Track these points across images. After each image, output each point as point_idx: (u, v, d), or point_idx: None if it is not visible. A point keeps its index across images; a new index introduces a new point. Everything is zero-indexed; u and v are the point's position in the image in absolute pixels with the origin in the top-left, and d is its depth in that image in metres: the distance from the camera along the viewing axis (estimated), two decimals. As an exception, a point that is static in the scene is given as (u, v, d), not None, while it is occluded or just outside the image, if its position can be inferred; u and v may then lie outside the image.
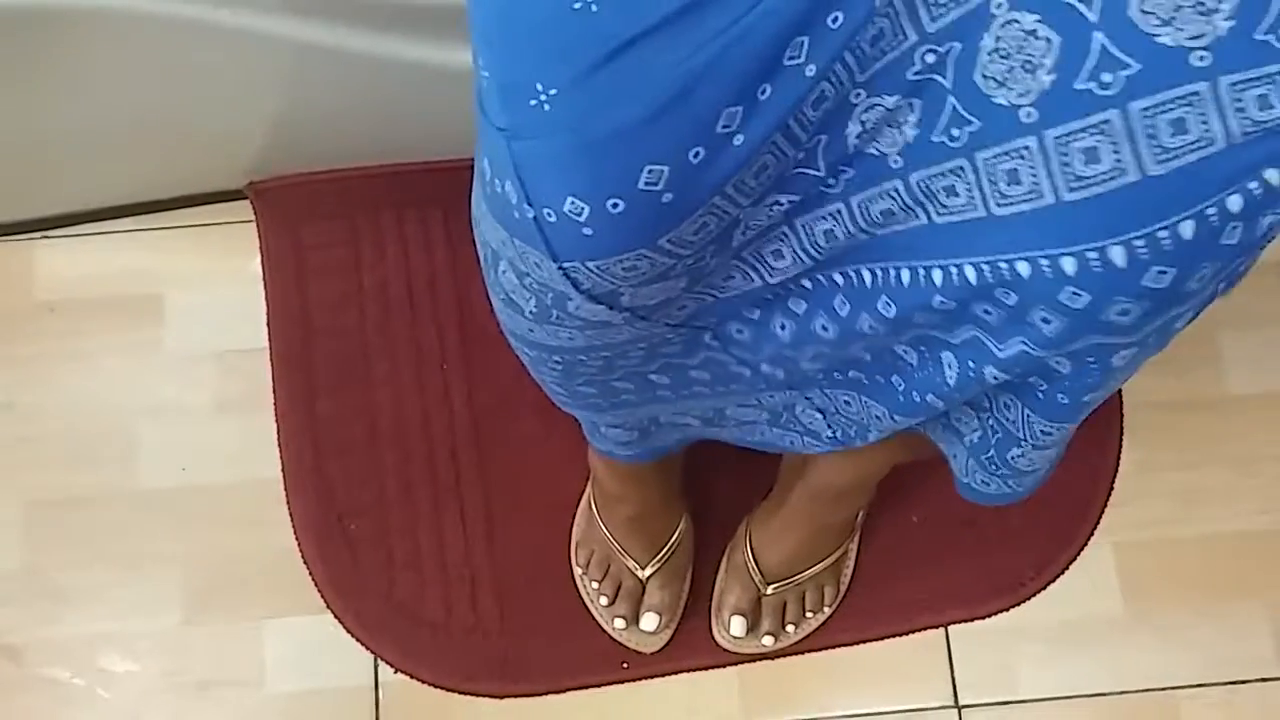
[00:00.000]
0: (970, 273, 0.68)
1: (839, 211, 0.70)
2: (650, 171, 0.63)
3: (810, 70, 0.62)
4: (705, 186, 0.65)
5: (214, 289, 1.37)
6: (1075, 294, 0.66)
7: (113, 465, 1.31)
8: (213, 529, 1.29)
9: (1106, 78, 0.59)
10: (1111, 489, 1.32)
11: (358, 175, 1.37)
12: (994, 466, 0.93)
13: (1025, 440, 0.87)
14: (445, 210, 1.37)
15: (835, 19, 0.60)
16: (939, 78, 0.63)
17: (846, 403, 0.91)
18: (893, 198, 0.68)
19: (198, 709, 1.24)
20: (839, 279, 0.75)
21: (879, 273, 0.72)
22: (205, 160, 1.34)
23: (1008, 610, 1.29)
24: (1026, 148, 0.62)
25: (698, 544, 1.27)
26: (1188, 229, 0.63)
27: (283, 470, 1.30)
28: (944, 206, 0.67)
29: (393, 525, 1.29)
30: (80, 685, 1.25)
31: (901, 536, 1.30)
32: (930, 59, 0.63)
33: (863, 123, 0.66)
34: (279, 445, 1.31)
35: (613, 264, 0.68)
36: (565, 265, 0.69)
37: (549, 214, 0.66)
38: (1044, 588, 1.29)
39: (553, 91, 0.62)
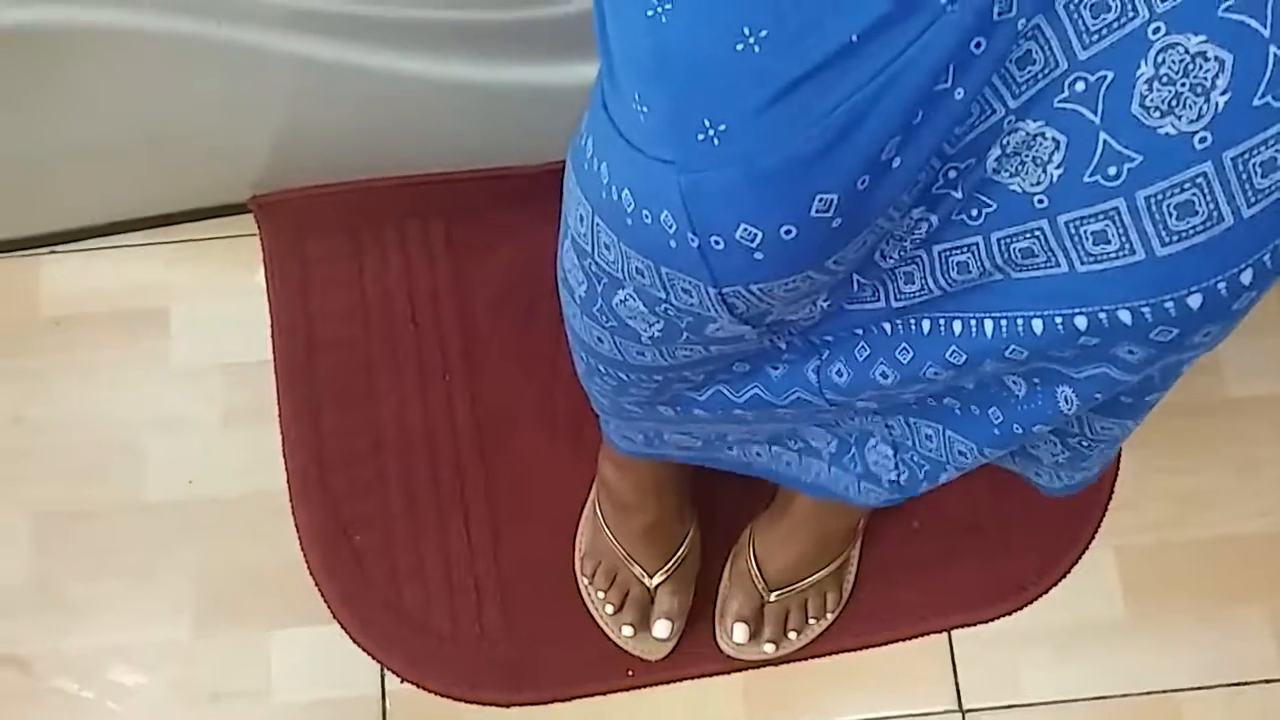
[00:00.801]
0: (1125, 315, 0.68)
1: (976, 246, 0.70)
2: (820, 200, 0.65)
3: (959, 94, 0.63)
4: (870, 209, 0.67)
5: (219, 302, 1.37)
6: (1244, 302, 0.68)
7: (120, 478, 1.32)
8: (220, 541, 1.30)
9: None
10: (1112, 493, 1.32)
11: (360, 188, 1.37)
12: (1096, 461, 0.96)
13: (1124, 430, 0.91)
14: (447, 222, 1.38)
15: (978, 44, 0.61)
16: (1086, 112, 0.63)
17: (928, 437, 0.92)
18: (1036, 238, 0.68)
19: (207, 720, 1.26)
20: (957, 326, 0.75)
21: (1004, 322, 0.73)
22: (209, 175, 1.35)
23: (1010, 614, 1.29)
24: (1204, 174, 0.62)
25: (702, 551, 1.27)
26: None
27: (288, 482, 1.31)
28: (1089, 254, 0.66)
29: (398, 536, 1.30)
30: (90, 698, 1.26)
31: (903, 542, 1.30)
32: (1080, 87, 0.62)
33: (1003, 146, 0.66)
34: (284, 457, 1.32)
35: (777, 286, 0.70)
36: (725, 290, 0.71)
37: (716, 242, 0.67)
38: (1046, 592, 1.30)
39: (721, 128, 0.63)
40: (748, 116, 0.63)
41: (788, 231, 0.66)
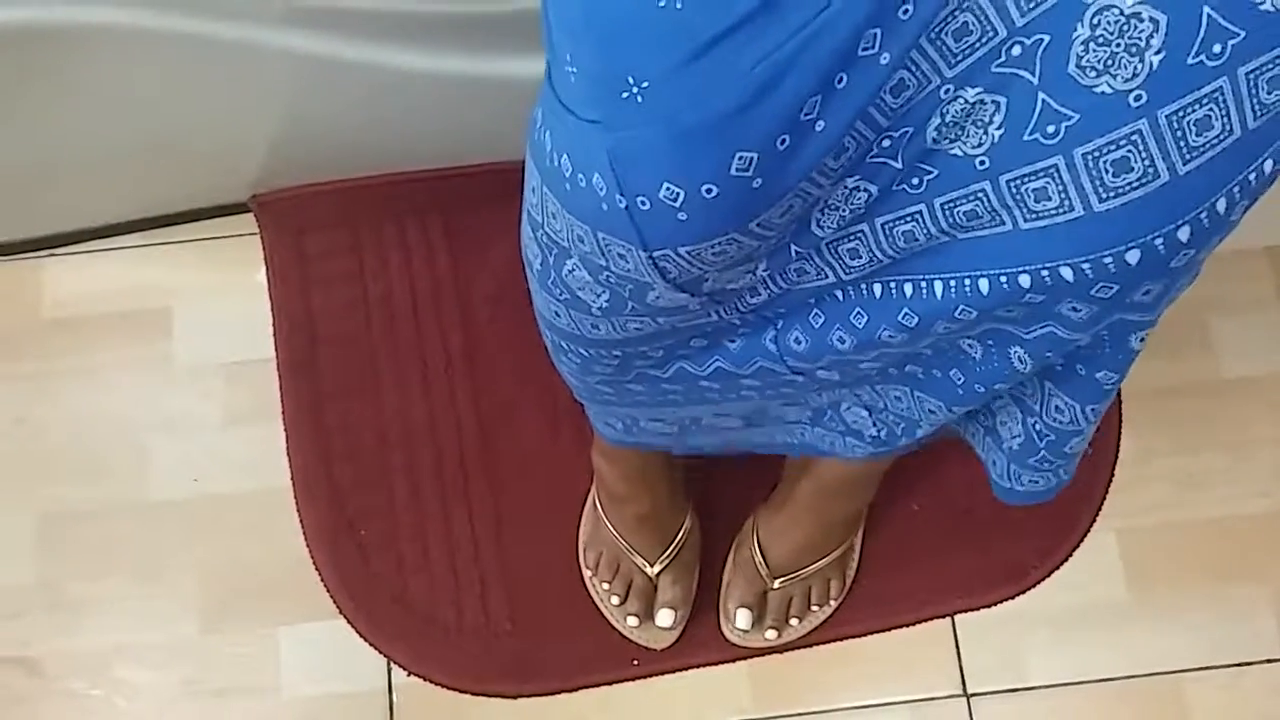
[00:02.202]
0: (1067, 272, 0.69)
1: (920, 213, 0.71)
2: (741, 158, 0.66)
3: (885, 59, 0.64)
4: (792, 172, 0.68)
5: (221, 301, 1.38)
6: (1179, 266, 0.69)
7: (125, 478, 1.32)
8: (225, 538, 1.31)
9: (1217, 49, 0.61)
10: (1112, 476, 1.33)
11: (359, 185, 1.38)
12: (1046, 462, 0.96)
13: (1081, 421, 0.91)
14: (446, 217, 1.39)
15: (906, 11, 0.62)
16: (1024, 73, 0.64)
17: (897, 399, 0.93)
18: (979, 199, 0.69)
19: (216, 716, 1.26)
20: (908, 289, 0.76)
21: (953, 283, 0.74)
22: (209, 174, 1.36)
23: (1013, 598, 1.30)
24: (1139, 131, 0.63)
25: (706, 540, 1.28)
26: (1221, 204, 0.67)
27: (293, 478, 1.32)
28: (1032, 211, 0.68)
29: (402, 529, 1.30)
30: (99, 696, 1.26)
31: (905, 528, 1.31)
32: (1016, 51, 0.63)
33: (943, 114, 0.67)
34: (288, 454, 1.32)
35: (704, 249, 0.71)
36: (656, 253, 0.72)
37: (642, 202, 0.69)
38: (1048, 575, 1.30)
39: (645, 84, 0.64)
40: (669, 73, 0.64)
41: (709, 191, 0.67)
